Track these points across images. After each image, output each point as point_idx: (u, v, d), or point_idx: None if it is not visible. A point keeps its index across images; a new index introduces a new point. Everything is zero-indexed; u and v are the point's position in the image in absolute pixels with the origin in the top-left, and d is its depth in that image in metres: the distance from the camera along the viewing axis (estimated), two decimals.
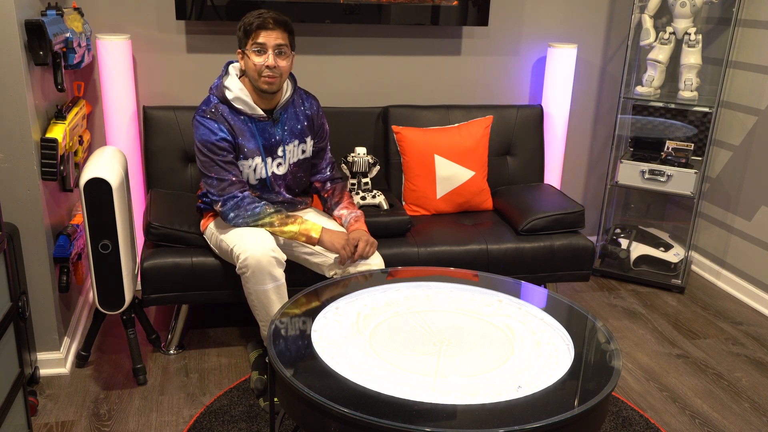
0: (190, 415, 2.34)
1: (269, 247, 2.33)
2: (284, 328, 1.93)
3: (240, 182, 2.39)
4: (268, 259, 2.31)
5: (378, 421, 1.52)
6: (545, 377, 1.75)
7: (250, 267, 2.31)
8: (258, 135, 2.43)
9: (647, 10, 3.29)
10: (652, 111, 3.56)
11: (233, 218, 2.38)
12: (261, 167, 2.46)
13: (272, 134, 2.46)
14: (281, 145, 2.48)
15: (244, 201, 2.37)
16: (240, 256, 2.32)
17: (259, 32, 2.32)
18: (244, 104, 2.40)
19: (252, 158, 2.44)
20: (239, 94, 2.39)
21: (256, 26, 2.32)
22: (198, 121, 2.39)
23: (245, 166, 2.44)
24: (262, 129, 2.44)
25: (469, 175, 3.04)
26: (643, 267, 3.56)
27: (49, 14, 2.36)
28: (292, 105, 2.52)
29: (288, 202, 2.57)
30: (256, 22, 2.32)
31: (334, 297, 2.13)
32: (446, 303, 2.15)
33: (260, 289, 2.35)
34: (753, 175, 3.30)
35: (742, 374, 2.73)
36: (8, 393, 1.96)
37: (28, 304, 2.38)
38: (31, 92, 2.28)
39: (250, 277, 2.33)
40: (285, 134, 2.48)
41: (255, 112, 2.41)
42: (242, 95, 2.39)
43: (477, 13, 3.18)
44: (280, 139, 2.47)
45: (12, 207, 2.31)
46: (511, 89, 3.46)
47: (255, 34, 2.33)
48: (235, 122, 2.40)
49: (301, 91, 2.58)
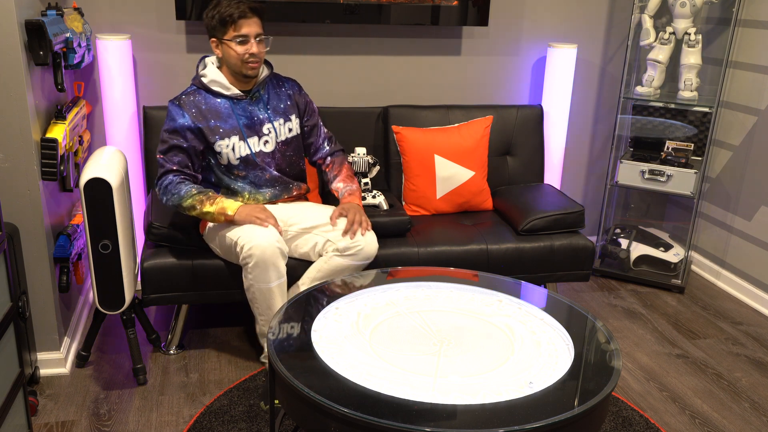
0: (190, 415, 2.34)
1: (274, 238, 2.35)
2: (284, 327, 1.93)
3: (179, 171, 2.44)
4: (273, 250, 2.32)
5: (378, 421, 1.52)
6: (545, 377, 1.75)
7: (254, 256, 2.32)
8: (237, 114, 2.49)
9: (647, 10, 3.29)
10: (652, 111, 3.56)
11: (165, 201, 2.45)
12: (241, 146, 2.50)
13: (253, 113, 2.52)
14: (268, 122, 2.53)
15: (171, 183, 2.42)
16: (244, 247, 2.33)
17: (240, 23, 2.38)
18: (220, 86, 2.47)
19: (228, 137, 2.48)
20: (215, 77, 2.47)
21: (237, 17, 2.37)
22: (168, 107, 2.48)
23: (222, 146, 2.48)
24: (242, 108, 2.50)
25: (469, 175, 3.04)
26: (643, 267, 3.56)
27: (49, 14, 2.36)
28: (272, 86, 2.59)
29: (278, 181, 2.60)
30: (236, 12, 2.37)
31: (334, 297, 2.13)
32: (446, 303, 2.15)
33: (264, 287, 2.35)
34: (753, 175, 3.30)
35: (742, 374, 2.73)
36: (8, 393, 1.96)
37: (28, 304, 2.38)
38: (31, 92, 2.28)
39: (253, 268, 2.33)
40: (269, 112, 2.54)
41: (231, 91, 2.48)
42: (218, 78, 2.47)
43: (477, 13, 3.18)
44: (264, 117, 2.53)
45: (12, 207, 2.31)
46: (511, 89, 3.46)
47: (236, 25, 2.38)
48: (210, 105, 2.47)
49: (279, 75, 2.65)
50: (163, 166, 2.45)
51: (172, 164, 2.44)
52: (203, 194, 2.42)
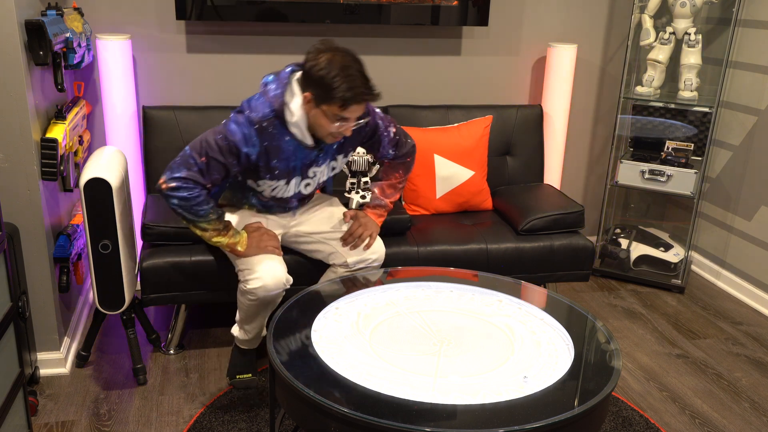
0: (190, 415, 2.34)
1: (283, 280, 2.27)
2: (284, 327, 1.93)
3: (207, 190, 2.20)
4: (279, 291, 2.29)
5: (378, 421, 1.52)
6: (545, 377, 1.75)
7: (258, 296, 2.26)
8: (299, 158, 2.26)
9: (647, 10, 3.29)
10: (652, 111, 3.56)
11: (175, 206, 2.16)
12: (284, 189, 2.32)
13: (313, 160, 2.30)
14: (316, 166, 2.34)
15: (195, 199, 2.15)
16: (250, 283, 2.25)
17: (349, 107, 2.09)
18: (299, 132, 2.19)
19: (279, 180, 2.28)
20: (299, 122, 2.17)
21: (350, 100, 2.07)
22: (237, 121, 2.16)
23: (267, 185, 2.30)
24: (305, 154, 2.26)
25: (468, 175, 3.04)
26: (643, 267, 3.56)
27: (49, 14, 2.36)
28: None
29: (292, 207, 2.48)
30: (351, 97, 2.07)
31: (334, 297, 2.13)
32: (446, 303, 2.15)
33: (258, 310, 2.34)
34: (753, 175, 3.30)
35: (742, 374, 2.73)
36: (8, 393, 1.96)
37: (28, 304, 2.38)
38: (31, 92, 2.28)
39: (252, 298, 2.28)
40: (320, 156, 2.32)
41: (305, 142, 2.22)
42: (301, 124, 2.17)
43: (477, 13, 3.18)
44: (319, 164, 2.34)
45: (12, 207, 2.31)
46: (511, 89, 3.46)
47: (343, 107, 2.08)
48: (278, 143, 2.20)
49: None
50: (193, 172, 2.14)
51: (207, 180, 2.16)
52: (220, 223, 2.23)
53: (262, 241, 2.29)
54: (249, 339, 2.42)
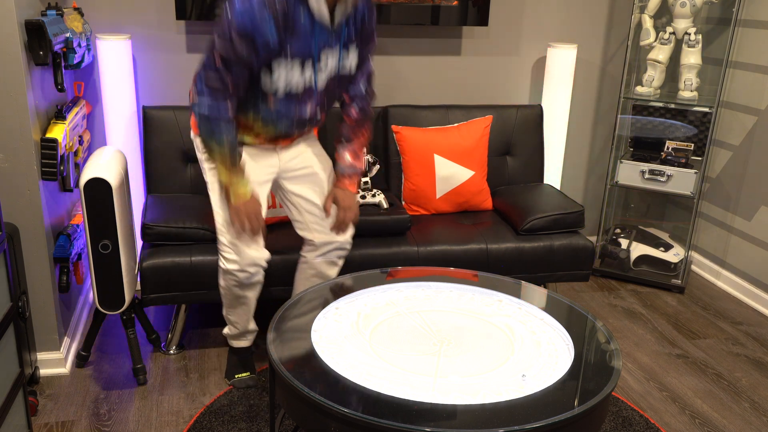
0: (190, 415, 2.34)
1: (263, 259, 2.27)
2: (284, 327, 1.93)
3: (232, 93, 2.01)
4: (258, 276, 2.31)
5: (378, 421, 1.52)
6: (545, 377, 1.75)
7: (235, 277, 2.28)
8: (314, 36, 2.01)
9: (647, 10, 3.29)
10: (652, 111, 3.56)
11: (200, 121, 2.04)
12: (298, 79, 2.05)
13: (326, 42, 2.05)
14: (326, 47, 2.07)
15: (221, 112, 2.01)
16: (228, 260, 2.25)
17: None
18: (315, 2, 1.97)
19: (294, 58, 2.00)
20: None
21: None
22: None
23: (282, 71, 2.01)
24: (320, 30, 2.01)
25: (468, 175, 3.04)
26: (643, 267, 3.56)
27: (49, 14, 2.36)
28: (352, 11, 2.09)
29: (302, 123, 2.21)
30: None
31: (334, 297, 2.13)
32: (446, 303, 2.15)
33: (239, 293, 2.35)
34: (753, 175, 3.30)
35: (742, 374, 2.73)
36: (8, 393, 1.96)
37: (28, 304, 2.38)
38: (31, 92, 2.28)
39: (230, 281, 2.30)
40: (333, 38, 2.07)
41: (322, 17, 1.99)
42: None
43: (477, 13, 3.18)
44: (326, 42, 2.06)
45: (12, 207, 2.32)
46: (511, 89, 3.46)
47: None
48: (295, 13, 1.94)
49: None
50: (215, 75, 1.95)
51: (233, 81, 1.96)
52: (232, 155, 2.08)
53: (250, 216, 2.16)
54: (238, 334, 2.46)
